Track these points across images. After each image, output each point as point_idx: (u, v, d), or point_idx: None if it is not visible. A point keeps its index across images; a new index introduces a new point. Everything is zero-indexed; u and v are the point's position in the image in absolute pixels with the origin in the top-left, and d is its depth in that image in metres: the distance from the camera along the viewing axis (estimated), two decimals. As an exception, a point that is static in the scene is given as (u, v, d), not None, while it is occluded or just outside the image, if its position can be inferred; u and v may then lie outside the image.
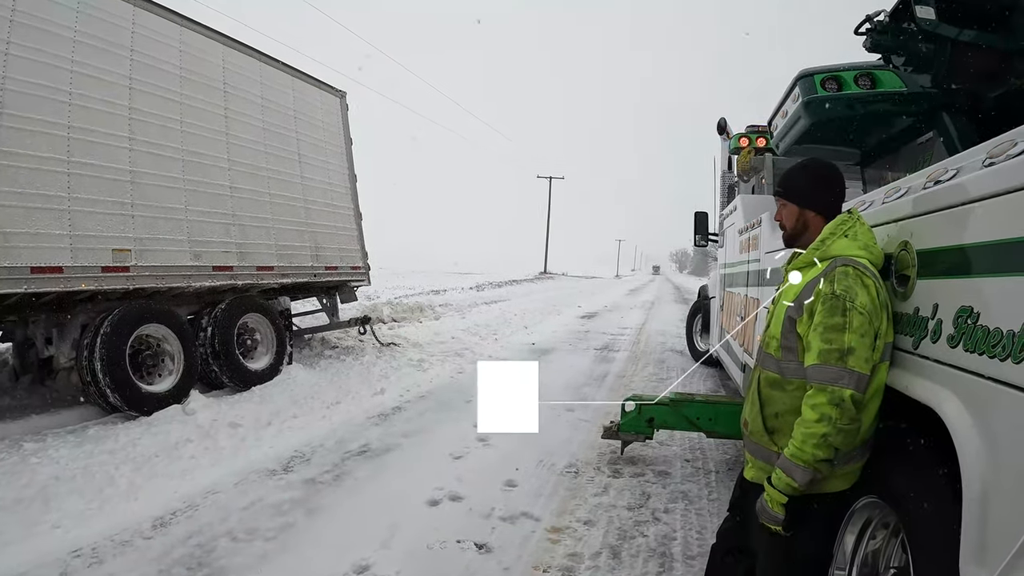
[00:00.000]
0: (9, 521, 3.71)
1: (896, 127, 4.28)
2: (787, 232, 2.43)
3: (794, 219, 2.38)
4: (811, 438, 1.96)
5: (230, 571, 3.29)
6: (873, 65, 3.95)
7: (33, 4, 5.47)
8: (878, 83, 3.91)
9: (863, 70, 3.94)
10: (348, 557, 3.45)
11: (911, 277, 2.04)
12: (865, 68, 3.95)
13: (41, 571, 3.21)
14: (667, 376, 9.13)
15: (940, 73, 3.62)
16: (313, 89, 9.77)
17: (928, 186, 2.02)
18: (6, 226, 5.13)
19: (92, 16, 6.01)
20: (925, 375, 1.88)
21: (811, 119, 4.15)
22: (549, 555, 3.60)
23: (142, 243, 6.30)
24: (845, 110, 4.01)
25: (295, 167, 9.01)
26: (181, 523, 3.82)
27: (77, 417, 5.76)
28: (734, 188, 8.55)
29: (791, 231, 2.41)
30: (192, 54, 7.27)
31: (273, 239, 8.31)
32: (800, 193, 2.36)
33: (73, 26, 5.81)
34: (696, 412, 5.05)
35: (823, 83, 3.99)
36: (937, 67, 3.60)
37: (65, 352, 5.96)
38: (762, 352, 2.39)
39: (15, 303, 5.56)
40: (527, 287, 33.62)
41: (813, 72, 4.06)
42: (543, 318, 17.10)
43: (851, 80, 3.94)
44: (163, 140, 6.75)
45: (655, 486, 4.72)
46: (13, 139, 5.24)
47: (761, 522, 2.16)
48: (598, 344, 12.48)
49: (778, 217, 2.45)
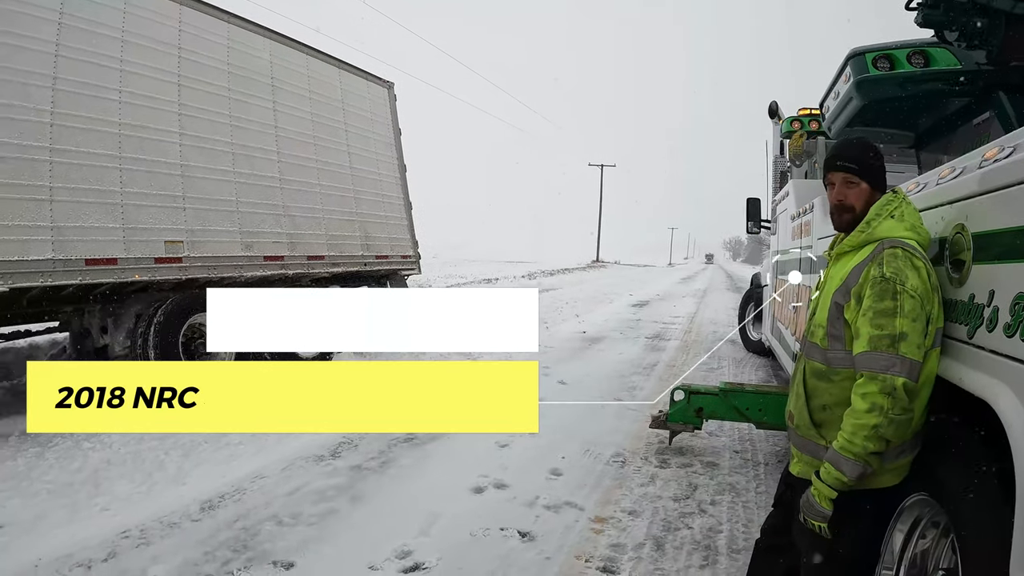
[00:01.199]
0: (58, 504, 3.84)
1: (951, 107, 4.08)
2: (854, 215, 2.17)
3: (864, 201, 2.16)
4: (862, 430, 1.88)
5: (274, 554, 3.33)
6: (927, 43, 3.76)
7: (80, 6, 5.66)
8: (932, 61, 3.73)
9: (916, 48, 3.76)
10: (390, 543, 3.46)
11: (966, 262, 1.91)
12: (918, 46, 3.76)
13: (88, 552, 3.30)
14: (718, 366, 8.96)
15: (996, 49, 3.42)
16: (360, 80, 9.88)
17: (984, 165, 1.88)
18: (61, 220, 5.34)
19: (139, 16, 6.20)
20: (980, 366, 1.77)
21: (863, 100, 3.98)
22: (592, 545, 3.55)
23: (194, 234, 6.48)
24: (898, 90, 3.84)
25: (344, 158, 9.15)
26: (228, 507, 3.90)
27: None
28: (786, 174, 8.32)
29: (859, 214, 2.16)
30: (239, 50, 7.44)
31: (323, 229, 8.46)
32: (877, 174, 2.18)
33: (121, 26, 6.00)
34: (746, 402, 4.91)
35: (875, 62, 3.82)
36: (992, 42, 3.41)
37: (120, 341, 6.18)
38: (807, 342, 2.28)
39: (71, 294, 5.79)
40: (579, 276, 33.45)
41: (865, 51, 3.90)
42: (594, 306, 17.00)
43: (903, 59, 3.76)
44: (213, 134, 6.93)
45: (702, 477, 4.61)
46: (65, 137, 5.44)
47: (806, 518, 2.06)
48: (649, 333, 12.33)
49: (840, 197, 2.20)
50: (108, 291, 6.05)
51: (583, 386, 7.45)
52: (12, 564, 3.15)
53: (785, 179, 8.26)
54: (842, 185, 2.19)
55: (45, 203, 5.26)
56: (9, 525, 3.53)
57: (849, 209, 2.18)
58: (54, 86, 5.38)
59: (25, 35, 5.24)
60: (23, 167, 5.16)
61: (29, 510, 3.71)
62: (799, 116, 7.08)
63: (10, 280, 5.00)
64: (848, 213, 2.19)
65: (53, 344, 7.57)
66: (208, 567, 3.19)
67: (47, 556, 3.23)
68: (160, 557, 3.27)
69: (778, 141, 8.78)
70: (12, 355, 7.33)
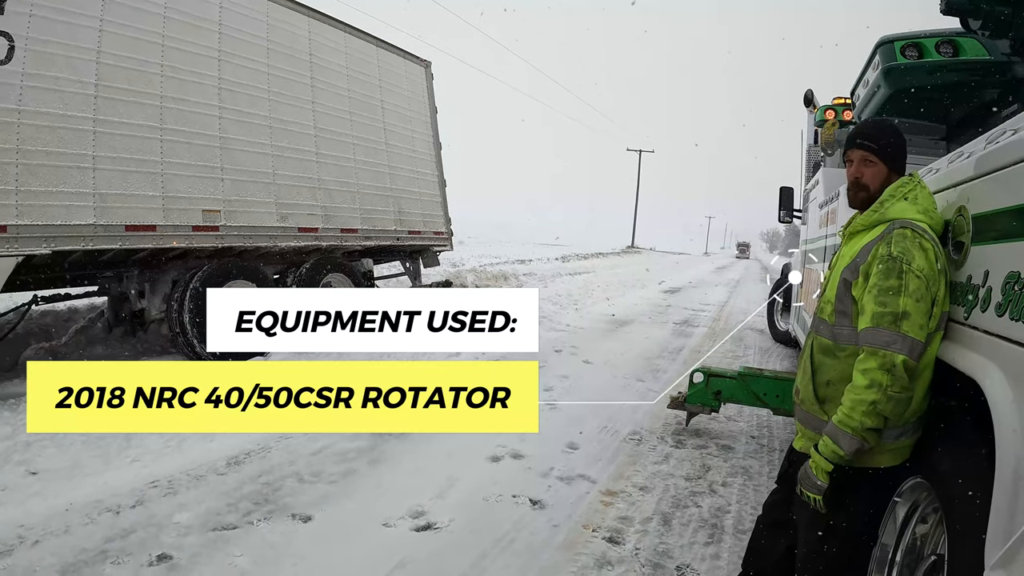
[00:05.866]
0: (91, 454, 4.03)
1: (981, 99, 4.00)
2: (869, 194, 2.21)
3: (880, 181, 2.19)
4: (860, 405, 1.91)
5: (293, 508, 3.49)
6: (956, 32, 3.69)
7: None
8: (960, 51, 3.67)
9: (945, 37, 3.70)
10: (405, 503, 3.60)
11: (965, 243, 1.93)
12: (947, 35, 3.70)
13: (117, 499, 3.48)
14: (744, 354, 8.93)
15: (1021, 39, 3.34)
16: (398, 59, 9.98)
17: (989, 147, 1.89)
18: (103, 187, 5.57)
19: None
20: (972, 346, 1.79)
21: (891, 88, 3.94)
22: (600, 516, 3.63)
23: (231, 204, 6.69)
24: (926, 79, 3.79)
25: (380, 134, 9.29)
26: (253, 463, 4.07)
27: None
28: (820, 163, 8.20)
29: (873, 193, 2.20)
30: (278, 27, 7.60)
31: (358, 203, 8.62)
32: (894, 154, 2.20)
33: (163, 3, 6.19)
34: (764, 387, 4.91)
35: (903, 50, 3.78)
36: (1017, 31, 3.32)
37: (156, 305, 6.45)
38: (816, 318, 2.32)
39: (111, 259, 6.07)
40: (613, 260, 33.27)
41: (894, 39, 3.86)
42: (626, 291, 16.95)
43: (932, 47, 3.72)
44: (251, 108, 7.11)
45: (716, 459, 4.65)
46: (108, 108, 5.67)
47: (802, 490, 2.10)
48: (678, 318, 12.29)
49: (857, 174, 2.23)
50: (146, 257, 6.29)
51: (608, 366, 7.51)
52: (44, 508, 3.34)
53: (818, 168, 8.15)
54: (860, 163, 2.22)
55: (88, 171, 5.49)
56: (44, 472, 3.73)
57: (864, 187, 2.21)
58: (98, 59, 5.60)
59: (72, 11, 5.45)
60: (69, 136, 5.38)
61: (63, 460, 3.90)
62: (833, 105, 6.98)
63: (53, 243, 5.24)
64: (863, 191, 2.22)
65: (91, 308, 7.87)
66: (230, 516, 3.36)
67: (78, 502, 3.42)
68: (185, 505, 3.44)
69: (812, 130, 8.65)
70: (51, 318, 7.64)
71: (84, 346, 6.80)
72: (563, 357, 7.90)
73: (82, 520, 3.22)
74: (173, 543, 3.06)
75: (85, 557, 2.89)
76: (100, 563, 2.85)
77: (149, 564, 2.87)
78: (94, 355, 6.60)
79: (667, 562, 3.19)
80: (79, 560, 2.86)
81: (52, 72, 5.29)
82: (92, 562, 2.85)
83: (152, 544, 3.04)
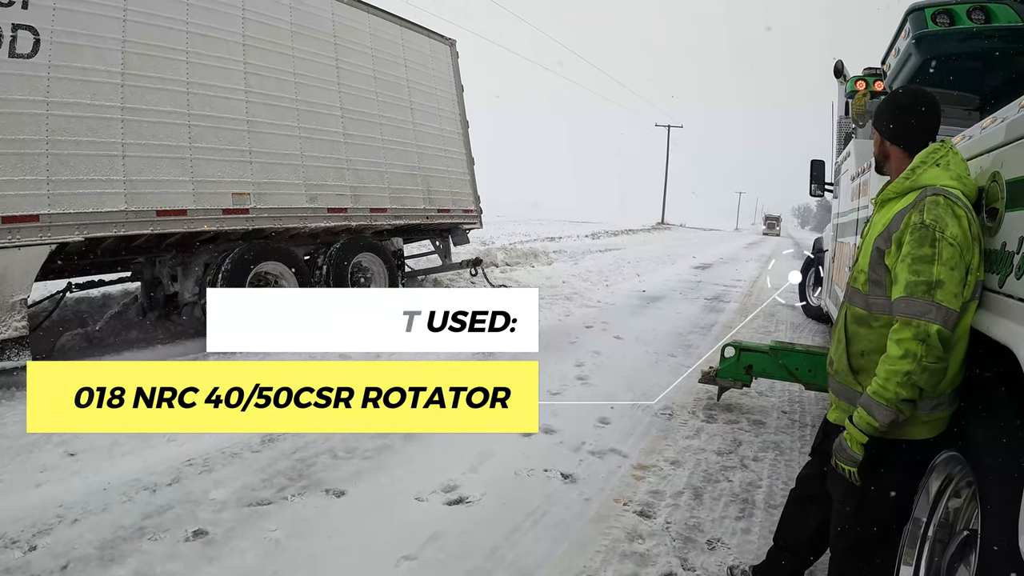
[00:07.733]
0: (128, 435, 4.04)
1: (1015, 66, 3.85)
2: (876, 160, 2.36)
3: (877, 147, 2.32)
4: (894, 375, 1.88)
5: (327, 483, 3.55)
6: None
7: None
8: (992, 17, 3.54)
9: (976, 3, 3.56)
10: (437, 478, 3.63)
11: (999, 210, 1.88)
12: (979, 1, 3.56)
13: (154, 477, 3.55)
14: (775, 330, 8.82)
15: None
16: (422, 38, 9.96)
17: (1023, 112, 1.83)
18: (133, 174, 5.68)
19: None
20: (1007, 314, 1.74)
21: (922, 56, 3.83)
22: (631, 490, 3.64)
23: (260, 187, 6.76)
24: (957, 46, 3.66)
25: (407, 114, 9.29)
26: (288, 440, 4.11)
27: (199, 347, 6.19)
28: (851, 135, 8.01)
29: (876, 158, 2.35)
30: (302, 10, 7.63)
31: (386, 182, 8.66)
32: (880, 120, 2.28)
33: None
34: (796, 362, 4.85)
35: (934, 17, 3.66)
36: None
37: (189, 288, 6.58)
38: (850, 288, 2.29)
39: (143, 244, 6.18)
40: (643, 236, 33.07)
41: (924, 5, 3.73)
42: (656, 267, 16.87)
43: (963, 14, 3.59)
44: (278, 91, 7.16)
45: (748, 434, 4.62)
46: (136, 96, 5.76)
47: (837, 462, 2.08)
48: (709, 294, 12.19)
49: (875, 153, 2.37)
50: (178, 241, 6.40)
51: (639, 342, 7.49)
52: (83, 485, 3.42)
53: (849, 140, 7.97)
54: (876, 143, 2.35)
55: (118, 158, 5.60)
56: (82, 452, 3.81)
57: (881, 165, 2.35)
58: (123, 48, 5.68)
59: (96, 1, 5.53)
60: (97, 125, 5.48)
61: (101, 439, 3.95)
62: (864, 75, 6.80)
63: (85, 230, 5.36)
64: (886, 162, 2.31)
65: (125, 293, 8.01)
66: (264, 492, 3.42)
67: (116, 480, 3.49)
68: (221, 482, 3.51)
69: (843, 102, 8.45)
70: (86, 304, 7.82)
71: (119, 331, 6.95)
72: (594, 333, 7.89)
73: (120, 498, 3.29)
74: (209, 519, 3.12)
75: (123, 534, 2.96)
76: (137, 539, 2.91)
77: (185, 540, 2.94)
78: (129, 340, 6.74)
79: (698, 536, 3.18)
80: (117, 537, 2.93)
81: (78, 63, 5.38)
82: (130, 538, 2.92)
83: (188, 520, 3.10)
